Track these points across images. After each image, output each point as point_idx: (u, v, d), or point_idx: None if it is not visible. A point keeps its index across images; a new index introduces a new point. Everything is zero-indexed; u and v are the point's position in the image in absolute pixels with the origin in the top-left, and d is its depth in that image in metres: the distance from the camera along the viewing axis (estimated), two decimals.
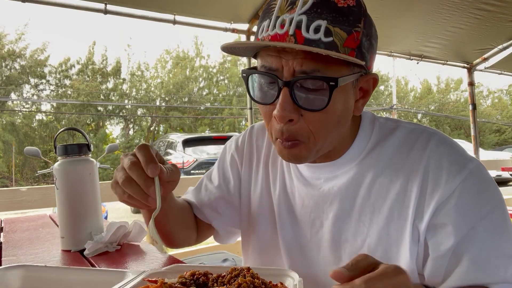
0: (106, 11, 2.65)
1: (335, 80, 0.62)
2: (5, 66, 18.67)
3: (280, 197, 0.86)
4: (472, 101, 4.99)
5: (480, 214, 0.65)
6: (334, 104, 0.65)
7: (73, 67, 20.49)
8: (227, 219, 0.95)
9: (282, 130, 0.67)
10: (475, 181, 0.68)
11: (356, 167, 0.75)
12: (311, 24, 0.61)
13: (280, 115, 0.65)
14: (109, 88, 21.26)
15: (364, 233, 0.73)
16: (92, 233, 1.04)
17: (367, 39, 0.66)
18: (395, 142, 0.74)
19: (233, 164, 0.95)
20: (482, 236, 0.64)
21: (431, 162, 0.69)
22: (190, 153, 7.46)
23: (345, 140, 0.76)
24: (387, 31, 3.62)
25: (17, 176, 18.22)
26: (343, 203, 0.76)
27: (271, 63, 0.66)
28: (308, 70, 0.63)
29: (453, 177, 0.67)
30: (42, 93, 20.19)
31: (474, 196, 0.67)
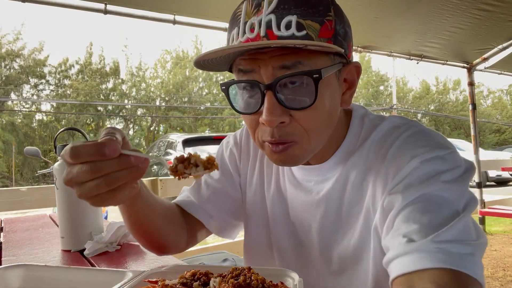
0: (106, 11, 2.65)
1: (318, 72, 0.60)
2: (4, 66, 18.66)
3: (274, 198, 0.84)
4: (472, 101, 4.99)
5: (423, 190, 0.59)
6: (322, 99, 0.63)
7: (72, 67, 20.51)
8: (231, 212, 0.91)
9: (272, 133, 0.64)
10: (439, 165, 0.61)
11: (343, 168, 0.73)
12: (281, 21, 0.59)
13: (268, 119, 0.61)
14: (109, 88, 21.27)
15: (350, 234, 0.72)
16: (92, 233, 1.04)
17: (341, 26, 0.64)
18: (376, 137, 0.72)
19: (232, 159, 0.93)
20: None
21: (395, 151, 0.66)
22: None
23: (336, 139, 0.74)
24: (387, 31, 3.63)
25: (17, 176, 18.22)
26: (330, 205, 0.75)
27: (246, 66, 0.63)
28: (289, 64, 0.60)
29: (412, 158, 0.63)
30: (41, 93, 20.19)
31: (429, 173, 0.61)
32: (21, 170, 18.71)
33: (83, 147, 0.52)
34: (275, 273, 0.58)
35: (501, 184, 12.17)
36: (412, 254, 0.54)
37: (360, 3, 2.93)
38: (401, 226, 0.58)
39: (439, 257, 0.52)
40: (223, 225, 0.91)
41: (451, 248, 0.53)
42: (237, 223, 0.95)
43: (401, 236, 0.57)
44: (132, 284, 0.58)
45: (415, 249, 0.54)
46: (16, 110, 19.38)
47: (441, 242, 0.53)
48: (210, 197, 0.90)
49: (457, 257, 0.52)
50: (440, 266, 0.51)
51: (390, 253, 0.57)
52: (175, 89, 22.11)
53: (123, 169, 0.54)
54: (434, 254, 0.52)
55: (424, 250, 0.53)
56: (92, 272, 0.71)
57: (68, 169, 0.54)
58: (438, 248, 0.53)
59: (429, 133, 0.68)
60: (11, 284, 0.68)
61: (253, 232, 0.89)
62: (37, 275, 0.70)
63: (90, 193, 0.54)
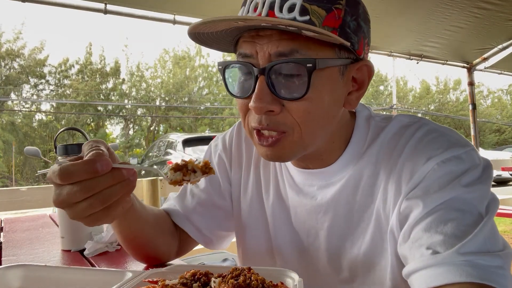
0: (106, 11, 2.65)
1: (312, 61, 0.56)
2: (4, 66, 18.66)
3: (274, 205, 0.79)
4: (472, 101, 4.99)
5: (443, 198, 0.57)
6: (318, 92, 0.58)
7: (72, 67, 20.50)
8: (217, 224, 0.86)
9: (260, 120, 0.60)
10: (457, 166, 0.59)
11: (351, 172, 0.69)
12: (285, 3, 0.56)
13: (255, 106, 0.58)
14: (109, 88, 21.27)
15: (360, 240, 0.68)
16: (92, 233, 1.04)
17: (353, 19, 0.60)
18: (385, 138, 0.68)
19: (221, 166, 0.87)
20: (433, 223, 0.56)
21: (409, 152, 0.63)
22: (190, 153, 7.46)
23: (339, 142, 0.70)
24: (387, 30, 3.62)
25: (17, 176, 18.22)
26: (338, 211, 0.70)
27: (245, 49, 0.60)
28: (285, 51, 0.56)
29: (428, 159, 0.60)
30: (41, 93, 20.19)
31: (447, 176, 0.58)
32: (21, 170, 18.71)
33: (73, 166, 0.48)
34: (275, 273, 0.58)
35: (501, 184, 12.17)
36: (438, 267, 0.51)
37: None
38: (422, 236, 0.55)
39: (467, 270, 0.49)
40: (211, 237, 0.87)
41: (479, 260, 0.50)
42: (226, 234, 0.90)
43: (424, 247, 0.54)
44: (132, 284, 0.58)
45: (441, 262, 0.51)
46: (16, 110, 19.38)
47: (467, 254, 0.51)
48: (196, 208, 0.85)
49: (486, 270, 0.50)
50: (468, 280, 0.49)
51: (412, 265, 0.55)
52: (175, 89, 22.10)
53: (116, 184, 0.51)
54: (461, 267, 0.50)
55: (450, 263, 0.51)
56: (92, 272, 0.70)
57: (57, 190, 0.50)
58: (465, 261, 0.50)
59: (442, 131, 0.64)
60: (11, 284, 0.68)
61: (252, 242, 0.84)
62: (37, 275, 0.70)
63: (84, 213, 0.51)
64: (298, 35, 0.55)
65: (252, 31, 0.59)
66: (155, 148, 8.99)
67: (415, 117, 0.70)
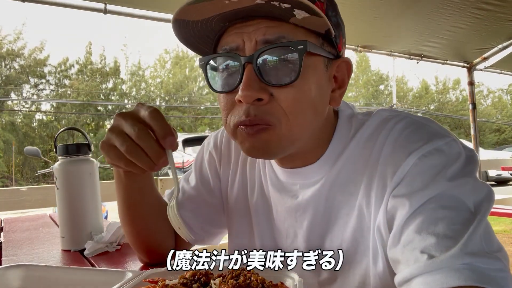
0: (106, 11, 2.65)
1: (303, 43, 0.55)
2: (4, 66, 18.66)
3: (257, 203, 0.79)
4: (472, 100, 4.99)
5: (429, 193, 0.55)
6: (306, 80, 0.58)
7: (72, 67, 20.50)
8: (208, 220, 0.86)
9: (248, 111, 0.58)
10: (439, 159, 0.57)
11: (331, 170, 0.68)
12: None
13: (245, 94, 0.56)
14: (109, 88, 21.27)
15: (339, 238, 0.67)
16: (92, 233, 1.04)
17: (334, 15, 0.61)
18: (365, 133, 0.67)
19: (211, 163, 0.87)
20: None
21: (390, 147, 0.62)
22: (190, 153, 7.44)
23: (322, 140, 0.69)
24: (387, 30, 3.62)
25: (17, 176, 18.22)
26: (317, 209, 0.69)
27: (230, 42, 0.59)
28: (272, 38, 0.56)
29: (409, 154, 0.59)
30: (41, 93, 20.20)
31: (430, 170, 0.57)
32: (21, 170, 18.71)
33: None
34: (275, 274, 0.58)
35: (501, 183, 12.17)
36: (437, 273, 0.49)
37: (360, 3, 2.92)
38: (414, 238, 0.53)
39: (467, 274, 0.48)
40: (202, 234, 0.87)
41: (478, 263, 0.49)
42: (217, 230, 0.90)
43: (418, 251, 0.52)
44: (132, 284, 0.58)
45: (439, 267, 0.49)
46: (16, 110, 19.38)
47: (466, 257, 0.49)
48: (186, 205, 0.85)
49: (487, 273, 0.48)
50: (469, 284, 0.47)
51: (407, 271, 0.52)
52: (175, 89, 22.11)
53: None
54: (460, 271, 0.48)
55: (449, 268, 0.49)
56: (92, 272, 0.70)
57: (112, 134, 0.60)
58: (463, 264, 0.49)
59: (422, 123, 0.63)
60: (11, 284, 0.68)
61: (237, 239, 0.83)
62: (37, 275, 0.70)
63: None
64: (285, 22, 0.56)
65: (238, 21, 0.58)
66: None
67: (395, 110, 0.69)
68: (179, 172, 7.00)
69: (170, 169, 0.61)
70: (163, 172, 7.19)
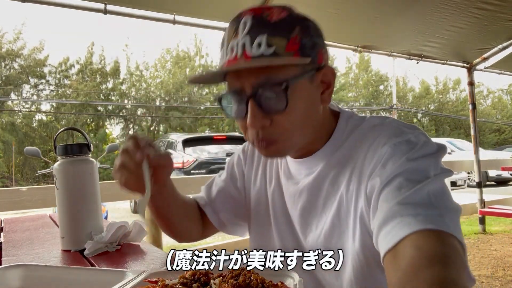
0: (106, 11, 2.65)
1: (285, 81, 0.70)
2: (4, 66, 18.67)
3: (274, 192, 0.93)
4: (472, 100, 4.99)
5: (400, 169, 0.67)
6: (295, 103, 0.72)
7: (72, 67, 20.49)
8: (232, 210, 1.01)
9: (257, 134, 0.76)
10: (407, 146, 0.70)
11: (326, 162, 0.82)
12: (254, 42, 0.71)
13: (251, 124, 0.73)
14: (109, 88, 21.27)
15: (323, 222, 0.81)
16: (92, 233, 1.04)
17: (308, 39, 0.74)
18: (356, 137, 0.80)
19: (239, 164, 1.03)
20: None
21: (373, 146, 0.74)
22: (190, 153, 7.43)
23: (325, 136, 0.83)
24: (387, 31, 3.63)
25: (17, 176, 18.22)
26: (310, 195, 0.83)
27: (234, 85, 0.75)
28: (262, 81, 0.71)
29: (384, 145, 0.72)
30: (41, 93, 20.20)
31: (399, 154, 0.69)
32: (21, 170, 18.71)
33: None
34: (275, 273, 0.58)
35: (501, 184, 12.17)
36: (390, 228, 0.60)
37: (360, 3, 2.93)
38: (381, 205, 0.65)
39: (413, 222, 0.57)
40: (225, 222, 1.01)
41: (418, 211, 0.59)
42: (238, 222, 1.03)
43: (382, 214, 0.63)
44: (132, 284, 0.58)
45: (391, 223, 0.60)
46: (16, 110, 19.38)
47: (407, 206, 0.60)
48: (216, 194, 1.01)
49: (428, 217, 0.58)
50: (417, 229, 0.57)
51: (374, 234, 0.64)
52: (175, 89, 22.10)
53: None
54: (408, 220, 0.58)
55: (401, 221, 0.59)
56: (92, 272, 0.71)
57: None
58: (409, 214, 0.59)
59: (402, 124, 0.77)
60: (11, 284, 0.68)
61: (257, 227, 0.97)
62: (37, 275, 0.70)
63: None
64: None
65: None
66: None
67: (384, 117, 0.82)
68: (179, 172, 7.03)
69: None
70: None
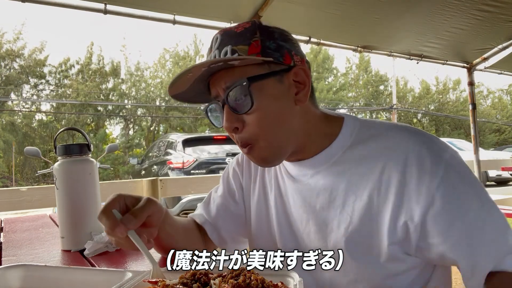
0: (106, 11, 2.64)
1: (245, 80, 0.74)
2: (4, 66, 18.66)
3: (276, 199, 0.92)
4: (472, 101, 4.99)
5: (463, 211, 0.70)
6: (262, 102, 0.75)
7: (72, 67, 20.48)
8: (234, 228, 1.01)
9: (236, 139, 0.79)
10: (454, 173, 0.72)
11: (339, 161, 0.81)
12: (221, 51, 0.76)
13: (226, 126, 0.77)
14: (109, 88, 21.25)
15: (347, 221, 0.78)
16: (92, 233, 1.04)
17: (271, 42, 0.77)
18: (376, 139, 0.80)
19: (235, 177, 1.03)
20: (467, 232, 0.70)
21: (410, 156, 0.74)
22: (190, 153, 7.43)
23: (319, 135, 0.83)
24: (387, 31, 3.62)
25: (17, 176, 18.22)
26: (328, 195, 0.81)
27: (212, 92, 0.80)
28: (230, 84, 0.75)
29: (434, 170, 0.72)
30: (41, 93, 20.18)
31: (456, 193, 0.71)
32: (21, 170, 18.71)
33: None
34: (275, 273, 0.58)
35: (501, 184, 12.17)
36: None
37: (360, 3, 2.93)
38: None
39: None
40: (226, 238, 1.01)
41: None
42: (239, 238, 1.03)
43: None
44: (132, 284, 0.58)
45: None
46: (16, 110, 19.37)
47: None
48: (216, 211, 1.01)
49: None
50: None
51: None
52: None
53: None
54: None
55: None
56: (92, 272, 0.71)
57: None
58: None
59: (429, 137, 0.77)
60: (11, 284, 0.68)
61: (259, 236, 0.96)
62: (37, 275, 0.70)
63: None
64: (236, 68, 0.75)
65: (210, 77, 0.79)
66: (155, 148, 8.95)
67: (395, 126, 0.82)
68: (179, 172, 7.03)
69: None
70: (163, 173, 7.23)
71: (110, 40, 38.03)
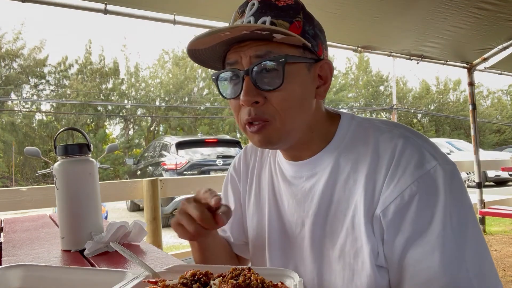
0: (106, 11, 2.65)
1: (284, 57, 0.71)
2: (4, 66, 18.65)
3: (270, 201, 0.90)
4: (472, 101, 4.99)
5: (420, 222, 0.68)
6: (290, 84, 0.73)
7: (72, 67, 20.49)
8: (239, 232, 1.00)
9: (250, 111, 0.75)
10: (429, 183, 0.70)
11: (334, 164, 0.79)
12: (258, 21, 0.72)
13: (244, 99, 0.73)
14: (109, 88, 21.25)
15: (338, 229, 0.77)
16: (92, 233, 1.04)
17: (311, 28, 0.75)
18: (369, 141, 0.78)
19: (233, 182, 1.03)
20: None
21: (394, 159, 0.73)
22: (183, 155, 7.62)
23: (320, 134, 0.82)
24: (387, 31, 3.63)
25: (17, 176, 18.22)
26: (322, 200, 0.79)
27: (231, 59, 0.75)
28: (262, 53, 0.72)
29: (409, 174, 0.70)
30: (41, 93, 20.18)
31: (425, 200, 0.69)
32: (21, 170, 18.70)
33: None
34: (275, 273, 0.58)
35: (500, 184, 12.17)
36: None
37: (360, 3, 2.93)
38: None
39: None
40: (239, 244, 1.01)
41: None
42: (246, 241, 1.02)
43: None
44: (132, 284, 0.58)
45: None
46: (16, 110, 19.37)
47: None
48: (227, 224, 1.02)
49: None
50: None
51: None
52: (174, 89, 22.09)
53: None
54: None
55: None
56: (92, 272, 0.71)
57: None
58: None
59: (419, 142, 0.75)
60: (11, 284, 0.68)
61: (253, 238, 0.94)
62: (37, 275, 0.70)
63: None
64: (271, 41, 0.71)
65: (235, 44, 0.74)
66: (151, 149, 9.08)
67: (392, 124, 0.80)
68: (172, 173, 7.17)
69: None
70: (158, 173, 7.35)
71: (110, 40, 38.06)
